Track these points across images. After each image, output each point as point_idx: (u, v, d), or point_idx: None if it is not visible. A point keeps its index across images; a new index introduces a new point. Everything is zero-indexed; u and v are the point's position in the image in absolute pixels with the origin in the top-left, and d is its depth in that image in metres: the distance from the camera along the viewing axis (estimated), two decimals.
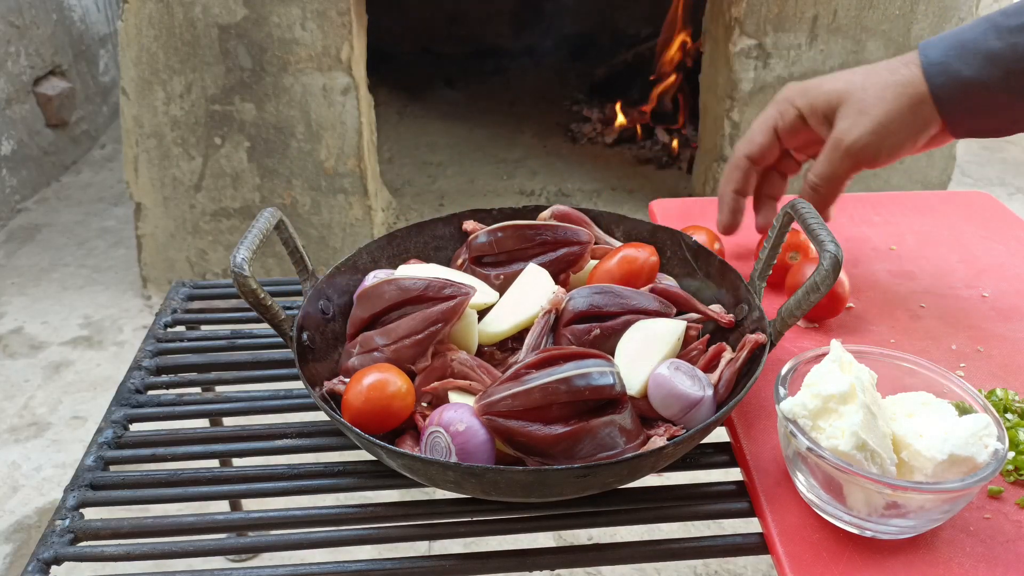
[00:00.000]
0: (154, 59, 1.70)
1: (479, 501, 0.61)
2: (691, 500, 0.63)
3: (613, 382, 0.58)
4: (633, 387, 0.61)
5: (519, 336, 0.67)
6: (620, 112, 2.58)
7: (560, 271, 0.72)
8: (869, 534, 0.55)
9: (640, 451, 0.57)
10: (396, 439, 0.62)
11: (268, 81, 1.73)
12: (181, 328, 0.91)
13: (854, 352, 0.59)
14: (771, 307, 0.69)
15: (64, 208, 2.33)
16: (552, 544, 1.19)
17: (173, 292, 0.95)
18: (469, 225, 0.79)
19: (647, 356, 0.63)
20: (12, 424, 1.53)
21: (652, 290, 0.69)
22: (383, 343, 0.64)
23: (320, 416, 0.65)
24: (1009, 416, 0.64)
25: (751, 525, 0.60)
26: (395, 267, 0.75)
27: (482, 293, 0.69)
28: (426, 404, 0.63)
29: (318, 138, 1.78)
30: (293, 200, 1.84)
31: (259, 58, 1.71)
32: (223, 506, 1.09)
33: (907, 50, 1.90)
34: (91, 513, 0.65)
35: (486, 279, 0.72)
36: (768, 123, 0.74)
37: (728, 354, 0.64)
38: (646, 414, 0.62)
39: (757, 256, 0.70)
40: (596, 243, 0.75)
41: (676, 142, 2.45)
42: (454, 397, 0.61)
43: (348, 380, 0.62)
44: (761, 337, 0.63)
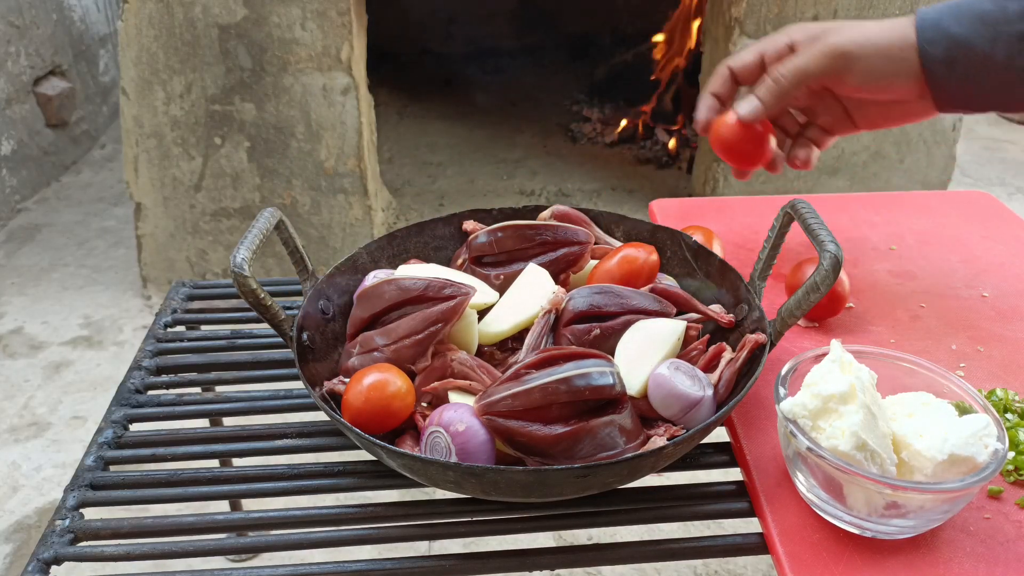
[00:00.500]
0: (154, 59, 1.70)
1: (479, 501, 0.61)
2: (691, 500, 0.63)
3: (613, 382, 0.58)
4: (633, 387, 0.61)
5: (519, 336, 0.67)
6: (617, 117, 2.58)
7: (560, 271, 0.72)
8: (869, 534, 0.55)
9: (640, 451, 0.57)
10: (396, 439, 0.62)
11: (268, 81, 1.73)
12: (181, 328, 0.91)
13: (854, 352, 0.59)
14: (771, 307, 0.69)
15: (64, 208, 2.33)
16: (552, 544, 1.19)
17: (173, 292, 0.95)
18: (469, 225, 0.79)
19: (647, 356, 0.63)
20: (12, 424, 1.53)
21: (652, 290, 0.69)
22: (383, 343, 0.64)
23: (320, 416, 0.65)
24: (1009, 416, 0.64)
25: (751, 525, 0.60)
26: (395, 267, 0.75)
27: (482, 293, 0.69)
28: (426, 404, 0.63)
29: (318, 138, 1.78)
30: (293, 200, 1.84)
31: (259, 58, 1.71)
32: (223, 506, 1.09)
33: None
34: (91, 513, 0.65)
35: (486, 279, 0.72)
36: (757, 46, 0.75)
37: (728, 354, 0.64)
38: (646, 414, 0.62)
39: (757, 258, 0.70)
40: (596, 243, 0.75)
41: (676, 142, 2.45)
42: (454, 397, 0.61)
43: (348, 380, 0.62)
44: (761, 337, 0.63)
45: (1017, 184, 2.43)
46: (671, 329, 0.65)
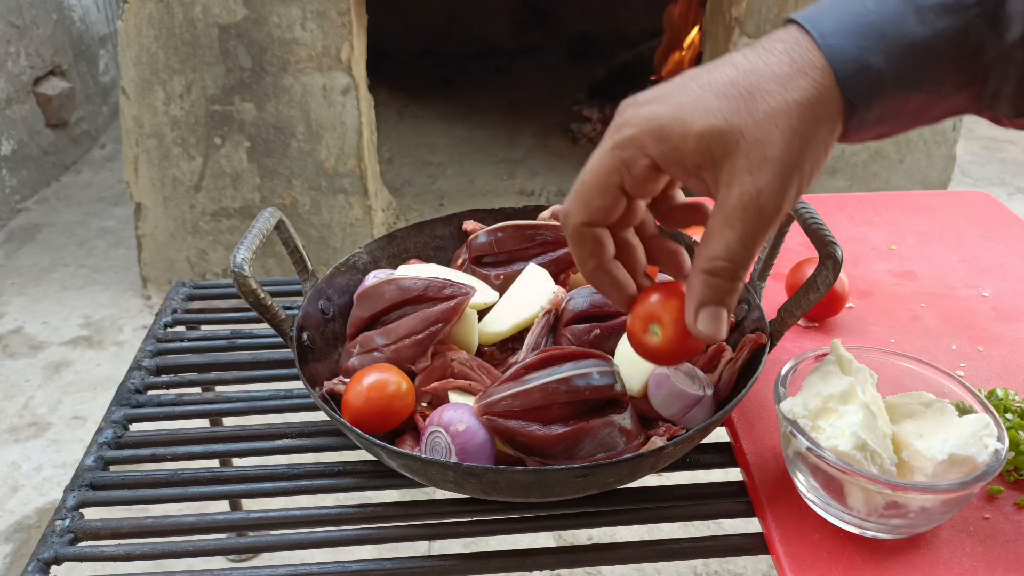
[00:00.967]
0: (154, 59, 1.70)
1: (479, 501, 0.61)
2: (691, 500, 0.63)
3: (613, 382, 0.58)
4: (633, 387, 0.61)
5: (519, 336, 0.67)
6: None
7: (560, 271, 0.72)
8: (869, 534, 0.55)
9: (640, 451, 0.57)
10: (396, 439, 0.62)
11: (268, 81, 1.73)
12: (181, 328, 0.90)
13: (854, 352, 0.59)
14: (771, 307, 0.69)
15: (64, 208, 2.33)
16: (552, 544, 1.19)
17: (173, 292, 0.95)
18: (469, 225, 0.79)
19: None
20: (12, 424, 1.53)
21: None
22: (383, 343, 0.64)
23: (320, 416, 0.65)
24: (1009, 416, 0.64)
25: (751, 525, 0.60)
26: (395, 267, 0.75)
27: (482, 293, 0.69)
28: (426, 404, 0.63)
29: (318, 138, 1.78)
30: (293, 200, 1.84)
31: (259, 58, 1.71)
32: (223, 506, 1.09)
33: None
34: (91, 513, 0.65)
35: (486, 279, 0.72)
36: (610, 180, 0.48)
37: (728, 354, 0.64)
38: (646, 414, 0.62)
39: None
40: None
41: None
42: (454, 397, 0.61)
43: (348, 380, 0.62)
44: (761, 337, 0.63)
45: (1017, 184, 2.43)
46: None
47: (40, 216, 2.28)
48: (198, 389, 0.84)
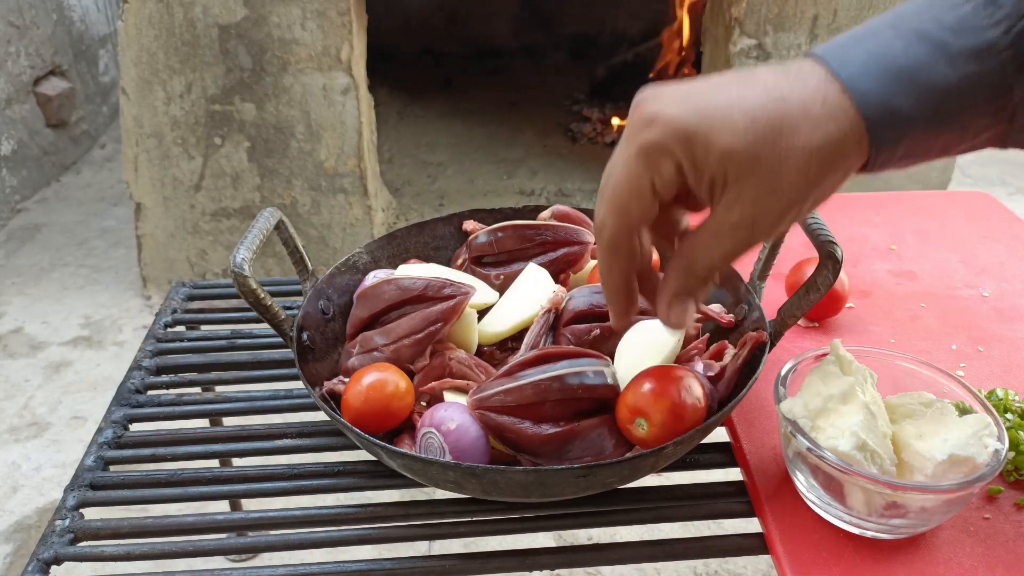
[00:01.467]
0: (154, 59, 1.70)
1: (479, 501, 0.61)
2: (691, 500, 0.63)
3: (607, 381, 0.58)
4: None
5: (519, 336, 0.67)
6: (617, 117, 2.58)
7: (560, 271, 0.72)
8: (869, 534, 0.55)
9: (639, 451, 0.57)
10: (395, 439, 0.62)
11: (268, 81, 1.73)
12: (181, 328, 0.90)
13: (854, 352, 0.59)
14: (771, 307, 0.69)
15: (64, 208, 2.33)
16: (552, 544, 1.19)
17: (173, 292, 0.95)
18: (469, 225, 0.79)
19: (647, 357, 0.63)
20: (12, 424, 1.53)
21: None
22: (383, 343, 0.64)
23: (320, 416, 0.65)
24: (1009, 416, 0.64)
25: (751, 525, 0.60)
26: (395, 267, 0.75)
27: (482, 293, 0.69)
28: (425, 404, 0.63)
29: (318, 138, 1.78)
30: (293, 200, 1.84)
31: (259, 58, 1.71)
32: (223, 506, 1.09)
33: None
34: (91, 513, 0.65)
35: (486, 279, 0.72)
36: (643, 185, 0.49)
37: (729, 351, 0.65)
38: None
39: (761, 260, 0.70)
40: (596, 243, 0.75)
41: None
42: (450, 397, 0.61)
43: (348, 380, 0.62)
44: (762, 335, 0.63)
45: (1017, 184, 2.43)
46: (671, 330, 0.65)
47: (40, 216, 2.28)
48: (198, 389, 0.84)
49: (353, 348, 0.66)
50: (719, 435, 0.68)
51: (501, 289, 0.71)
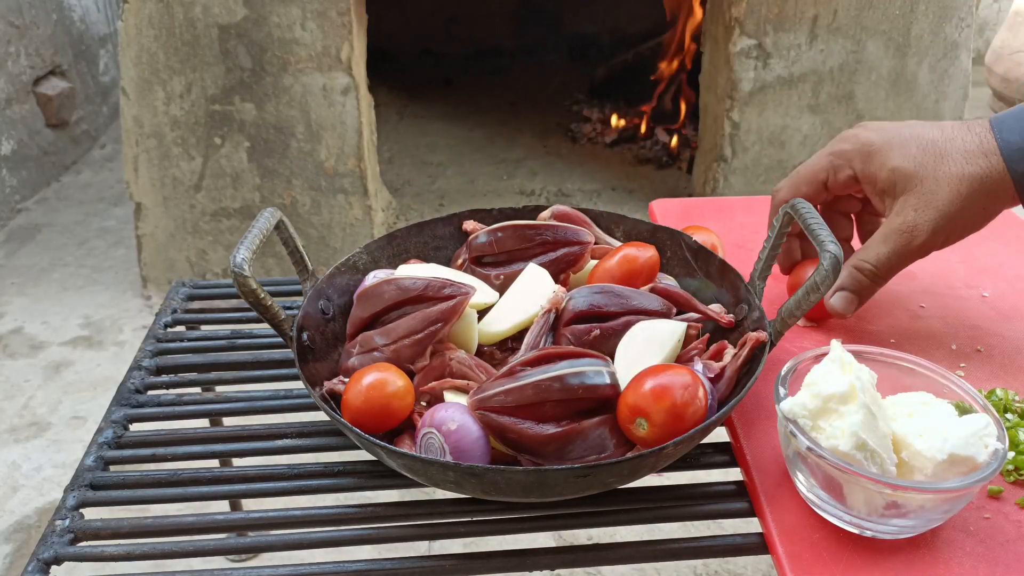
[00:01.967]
0: (154, 59, 1.70)
1: (479, 501, 0.61)
2: (691, 500, 0.63)
3: (607, 381, 0.58)
4: None
5: (519, 336, 0.67)
6: (617, 117, 2.58)
7: (560, 271, 0.72)
8: (869, 534, 0.55)
9: (639, 451, 0.57)
10: (395, 439, 0.62)
11: (268, 81, 1.73)
12: (181, 328, 0.90)
13: (854, 352, 0.59)
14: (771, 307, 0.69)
15: (64, 208, 2.33)
16: (552, 544, 1.19)
17: (173, 292, 0.95)
18: (469, 225, 0.79)
19: (648, 357, 0.63)
20: (12, 424, 1.53)
21: (652, 290, 0.69)
22: (383, 343, 0.64)
23: (320, 416, 0.65)
24: (1009, 416, 0.64)
25: (751, 525, 0.60)
26: (395, 267, 0.75)
27: (482, 293, 0.69)
28: (425, 404, 0.63)
29: (318, 138, 1.78)
30: (293, 200, 1.84)
31: (259, 58, 1.71)
32: (223, 506, 1.09)
33: (906, 50, 1.89)
34: (91, 513, 0.65)
35: (486, 279, 0.72)
36: (818, 176, 0.68)
37: (729, 351, 0.65)
38: None
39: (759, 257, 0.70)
40: (596, 243, 0.75)
41: (676, 142, 2.45)
42: (450, 397, 0.61)
43: (348, 380, 0.62)
44: (762, 335, 0.63)
45: None
46: (671, 330, 0.65)
47: (40, 216, 2.29)
48: (198, 389, 0.84)
49: (353, 348, 0.66)
50: (719, 435, 0.68)
51: (501, 289, 0.71)
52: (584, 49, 3.14)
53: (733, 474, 0.65)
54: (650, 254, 0.71)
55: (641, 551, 0.60)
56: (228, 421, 0.88)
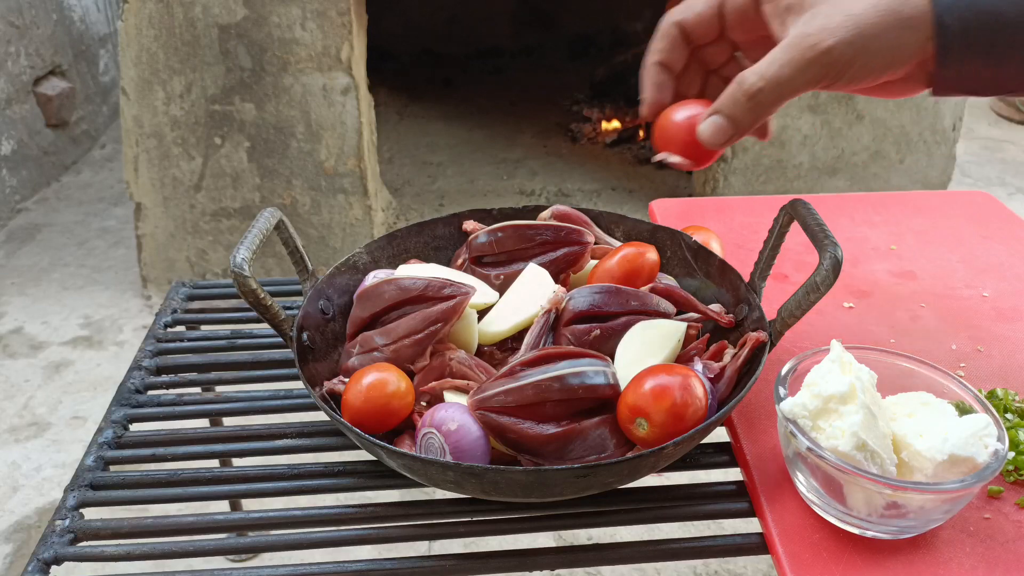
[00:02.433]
0: (154, 59, 1.70)
1: (479, 501, 0.61)
2: (691, 500, 0.63)
3: (607, 381, 0.58)
4: None
5: (519, 336, 0.67)
6: (615, 119, 2.58)
7: (560, 271, 0.72)
8: (869, 534, 0.55)
9: (639, 451, 0.57)
10: (395, 439, 0.62)
11: (268, 81, 1.73)
12: (181, 328, 0.90)
13: (854, 352, 0.59)
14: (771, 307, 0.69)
15: (64, 208, 2.33)
16: (552, 544, 1.19)
17: (173, 292, 0.95)
18: (469, 225, 0.79)
19: (648, 357, 0.63)
20: (12, 424, 1.53)
21: (652, 290, 0.69)
22: (383, 343, 0.64)
23: (320, 416, 0.65)
24: (1009, 416, 0.64)
25: (751, 525, 0.60)
26: (395, 267, 0.75)
27: (482, 293, 0.69)
28: (425, 404, 0.63)
29: (318, 138, 1.78)
30: (293, 200, 1.84)
31: (259, 58, 1.71)
32: (223, 506, 1.09)
33: None
34: (91, 513, 0.65)
35: (486, 279, 0.72)
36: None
37: (729, 351, 0.65)
38: None
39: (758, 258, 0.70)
40: (596, 243, 0.75)
41: None
42: (450, 397, 0.61)
43: (348, 380, 0.62)
44: (762, 335, 0.63)
45: (1017, 184, 2.43)
46: (672, 330, 0.65)
47: (40, 216, 2.29)
48: (198, 389, 0.84)
49: (353, 348, 0.66)
50: (719, 435, 0.68)
51: (501, 289, 0.71)
52: (584, 49, 3.14)
53: (733, 474, 0.65)
54: (650, 254, 0.71)
55: (641, 551, 0.60)
56: (228, 421, 0.88)
